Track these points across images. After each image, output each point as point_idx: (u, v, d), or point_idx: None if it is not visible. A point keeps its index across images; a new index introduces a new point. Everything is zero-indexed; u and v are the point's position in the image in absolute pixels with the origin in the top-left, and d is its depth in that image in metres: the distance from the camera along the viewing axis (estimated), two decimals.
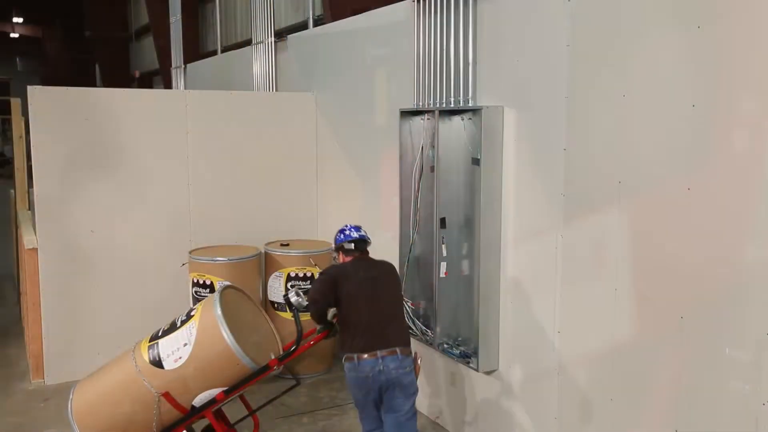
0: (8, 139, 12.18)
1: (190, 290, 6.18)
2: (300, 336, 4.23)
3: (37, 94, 5.94)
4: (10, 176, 9.40)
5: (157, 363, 3.91)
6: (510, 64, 4.41)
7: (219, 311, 3.95)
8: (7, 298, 9.16)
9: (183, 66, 12.30)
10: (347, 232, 4.31)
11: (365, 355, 3.97)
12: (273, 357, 4.22)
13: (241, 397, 4.49)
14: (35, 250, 6.01)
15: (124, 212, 6.30)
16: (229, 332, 3.91)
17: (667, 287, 3.44)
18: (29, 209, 7.78)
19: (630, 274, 3.64)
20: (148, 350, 3.98)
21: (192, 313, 4.10)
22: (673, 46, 3.37)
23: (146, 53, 20.73)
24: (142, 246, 6.29)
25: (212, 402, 4.05)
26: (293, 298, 4.25)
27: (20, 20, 34.77)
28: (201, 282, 6.06)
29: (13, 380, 6.27)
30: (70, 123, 6.05)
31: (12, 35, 35.54)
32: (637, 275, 3.61)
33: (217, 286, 5.99)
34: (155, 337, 4.11)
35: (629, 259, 3.64)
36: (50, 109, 5.98)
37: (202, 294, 6.05)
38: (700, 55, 3.23)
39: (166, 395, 3.91)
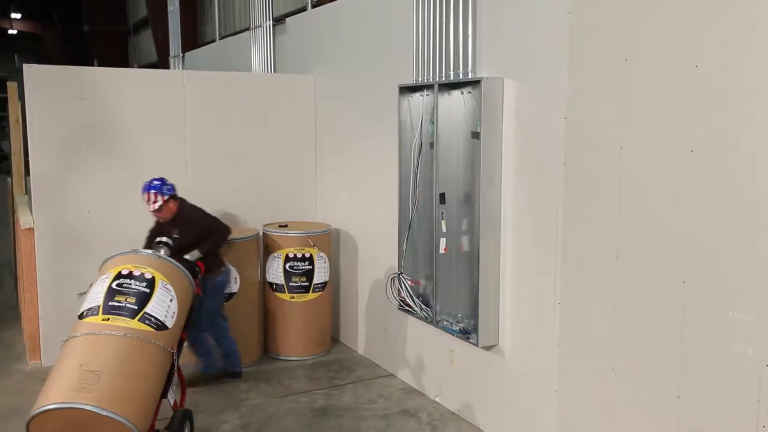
0: (6, 135, 12.11)
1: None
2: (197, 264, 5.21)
3: (33, 72, 5.89)
4: (8, 171, 9.35)
5: (162, 326, 4.07)
6: (510, 34, 4.37)
7: (164, 254, 4.60)
8: (5, 285, 9.12)
9: (181, 55, 12.25)
10: (169, 183, 5.35)
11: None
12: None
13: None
14: (31, 230, 5.98)
15: (122, 192, 6.25)
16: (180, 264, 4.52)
17: (670, 252, 3.40)
18: (26, 194, 7.73)
19: (632, 241, 3.60)
20: (143, 321, 4.02)
21: (146, 276, 4.20)
22: (675, 8, 3.32)
23: (145, 46, 20.70)
24: (139, 226, 6.21)
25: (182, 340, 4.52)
26: (164, 250, 4.84)
27: (18, 16, 34.73)
28: None
29: (9, 362, 6.23)
30: (67, 102, 6.00)
31: (10, 32, 35.48)
32: (639, 242, 3.57)
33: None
34: (127, 311, 4.01)
35: (631, 226, 3.60)
36: (46, 88, 5.93)
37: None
38: (704, 15, 3.19)
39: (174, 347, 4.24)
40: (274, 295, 6.32)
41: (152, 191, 5.28)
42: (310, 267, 6.24)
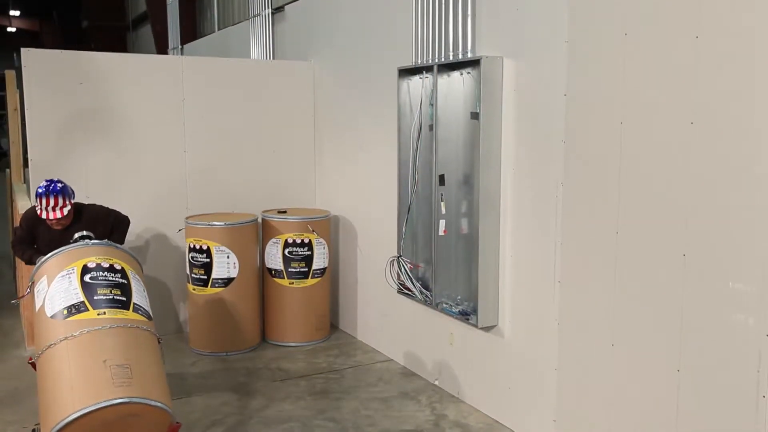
0: (5, 132, 12.11)
1: (186, 256, 6.13)
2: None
3: (31, 56, 5.88)
4: (7, 167, 9.35)
5: (149, 315, 3.99)
6: (509, 12, 4.35)
7: (122, 246, 4.46)
8: (4, 276, 9.11)
9: (180, 47, 12.24)
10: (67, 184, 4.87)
11: None
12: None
13: None
14: None
15: (120, 178, 6.25)
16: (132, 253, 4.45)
17: (670, 226, 3.39)
18: (24, 183, 7.71)
19: (632, 216, 3.59)
20: (137, 312, 3.90)
21: (116, 267, 4.01)
22: None
23: (143, 42, 20.67)
24: (137, 212, 6.21)
25: None
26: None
27: (17, 13, 34.66)
28: (197, 247, 6.01)
29: (8, 348, 6.23)
30: (65, 86, 5.98)
31: (9, 29, 35.41)
32: (639, 217, 3.56)
33: (214, 251, 5.95)
34: (120, 303, 3.85)
35: (631, 201, 3.59)
36: (44, 72, 5.91)
37: (199, 260, 6.00)
38: None
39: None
40: (273, 281, 6.31)
41: (58, 195, 4.71)
42: (310, 253, 6.23)
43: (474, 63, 4.54)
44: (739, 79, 3.06)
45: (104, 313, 3.75)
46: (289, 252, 6.21)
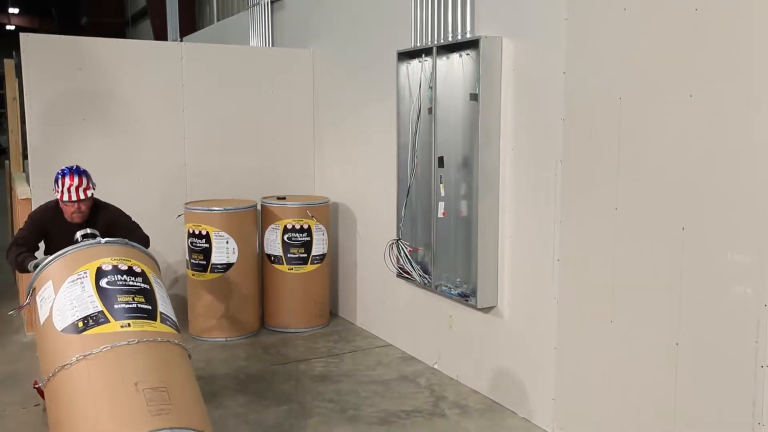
0: (4, 130, 12.14)
1: (186, 242, 6.13)
2: None
3: (31, 41, 5.88)
4: (6, 159, 9.37)
5: (176, 325, 3.50)
6: None
7: (139, 245, 3.86)
8: (3, 266, 9.10)
9: (179, 40, 12.22)
10: None
11: None
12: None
13: None
14: (29, 200, 5.95)
15: (119, 165, 6.25)
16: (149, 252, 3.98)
17: (669, 200, 3.39)
18: (23, 172, 7.72)
19: (631, 191, 3.59)
20: (165, 323, 3.37)
21: (135, 269, 3.47)
22: None
23: (143, 38, 20.66)
24: (136, 199, 6.21)
25: None
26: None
27: (16, 11, 34.65)
28: (197, 233, 6.01)
29: (8, 334, 6.22)
30: (64, 72, 5.98)
31: (8, 27, 35.40)
32: (638, 192, 3.56)
33: (213, 236, 5.95)
34: (146, 313, 3.30)
35: (630, 177, 3.60)
36: (43, 58, 5.92)
37: (198, 245, 6.00)
38: None
39: None
40: (273, 267, 6.31)
41: (82, 175, 4.32)
42: (309, 238, 6.23)
43: (473, 44, 4.54)
44: (738, 49, 3.06)
45: (128, 325, 3.18)
46: (288, 238, 6.21)
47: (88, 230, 3.98)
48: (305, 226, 6.22)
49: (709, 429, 3.26)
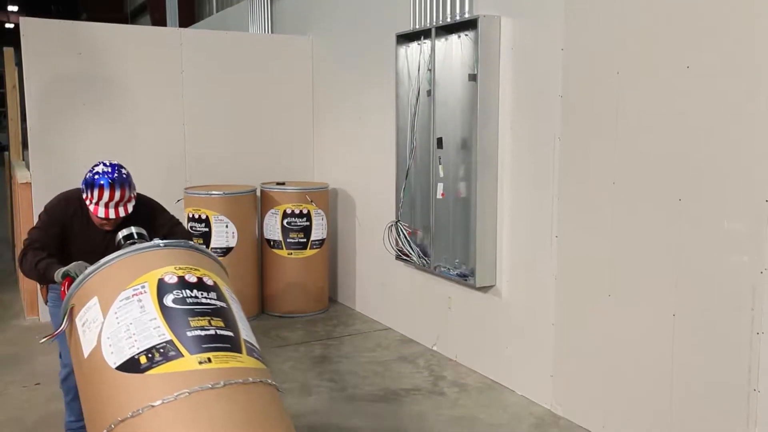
0: (4, 128, 12.11)
1: (186, 227, 6.13)
2: None
3: (31, 26, 5.89)
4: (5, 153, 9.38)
5: (262, 356, 2.72)
6: None
7: (205, 248, 3.18)
8: (2, 255, 9.13)
9: None
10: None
11: None
12: None
13: None
14: (28, 184, 5.98)
15: (119, 150, 6.22)
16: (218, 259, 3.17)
17: (666, 172, 3.41)
18: (23, 160, 7.73)
19: (629, 165, 3.62)
20: (252, 355, 2.59)
21: (206, 281, 2.68)
22: None
23: None
24: (136, 184, 6.24)
25: None
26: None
27: (15, 9, 34.67)
28: (196, 217, 6.03)
29: (7, 319, 6.24)
30: (64, 57, 6.00)
31: (7, 25, 35.41)
32: (636, 166, 3.58)
33: (213, 220, 5.96)
34: (228, 342, 2.48)
35: (628, 150, 3.62)
36: (43, 43, 5.93)
37: (198, 229, 6.02)
38: None
39: None
40: (272, 252, 6.33)
41: (125, 186, 3.31)
42: (308, 223, 6.25)
43: (472, 24, 4.56)
44: (735, 20, 3.08)
45: (208, 360, 2.36)
46: (287, 223, 6.23)
47: (134, 229, 3.13)
48: (304, 211, 6.24)
49: (705, 398, 3.29)
